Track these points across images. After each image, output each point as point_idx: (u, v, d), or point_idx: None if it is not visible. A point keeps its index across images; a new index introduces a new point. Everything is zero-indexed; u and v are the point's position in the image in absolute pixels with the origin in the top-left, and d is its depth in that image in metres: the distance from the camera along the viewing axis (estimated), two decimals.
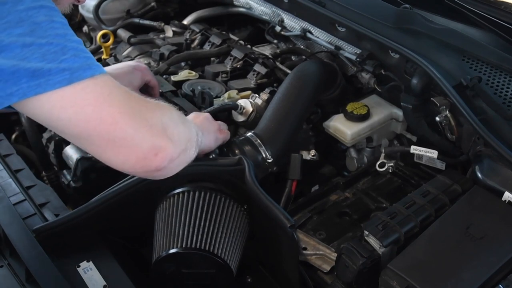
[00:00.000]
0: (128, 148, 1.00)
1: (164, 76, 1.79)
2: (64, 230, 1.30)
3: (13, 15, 0.91)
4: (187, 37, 2.09)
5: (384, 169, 1.61)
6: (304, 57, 1.88)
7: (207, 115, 1.44)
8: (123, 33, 2.18)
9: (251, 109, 1.60)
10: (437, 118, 1.46)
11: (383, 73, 1.66)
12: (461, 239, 1.18)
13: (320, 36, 1.82)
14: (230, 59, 1.87)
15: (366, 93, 1.78)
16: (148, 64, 1.92)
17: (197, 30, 2.11)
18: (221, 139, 1.42)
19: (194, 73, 1.82)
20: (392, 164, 1.61)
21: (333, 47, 1.78)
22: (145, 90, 1.58)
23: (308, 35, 1.85)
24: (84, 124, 0.96)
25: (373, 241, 1.22)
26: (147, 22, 2.23)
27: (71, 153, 1.65)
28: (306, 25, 1.85)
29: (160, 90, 1.71)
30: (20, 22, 0.91)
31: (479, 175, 1.34)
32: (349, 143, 1.65)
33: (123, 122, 0.98)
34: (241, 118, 1.61)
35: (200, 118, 1.39)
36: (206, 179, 1.33)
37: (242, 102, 1.61)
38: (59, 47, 0.94)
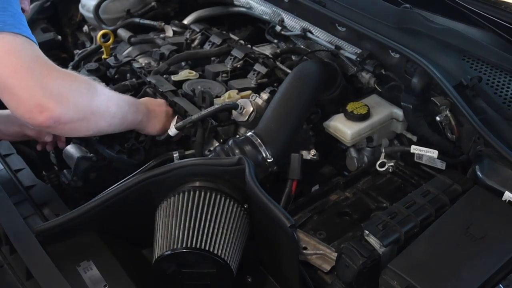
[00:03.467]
0: (19, 98, 1.20)
1: (164, 76, 1.79)
2: (64, 230, 1.30)
3: None
4: (187, 36, 2.09)
5: (384, 169, 1.61)
6: (305, 57, 1.87)
7: (164, 105, 1.66)
8: (123, 33, 2.17)
9: (251, 109, 1.60)
10: (437, 118, 1.46)
11: (383, 73, 1.66)
12: (461, 239, 1.18)
13: (320, 36, 1.82)
14: (230, 58, 1.87)
15: (366, 93, 1.78)
16: (148, 64, 1.92)
17: (197, 30, 2.11)
18: (166, 130, 1.61)
19: (194, 72, 1.81)
20: (392, 164, 1.61)
21: (333, 47, 1.78)
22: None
23: (308, 34, 1.85)
24: None
25: (373, 241, 1.22)
26: (147, 21, 2.23)
27: (71, 153, 1.65)
28: (306, 24, 1.85)
29: (160, 90, 1.71)
30: None
31: (479, 175, 1.34)
32: (349, 143, 1.65)
33: (20, 74, 1.19)
34: (241, 118, 1.61)
35: (152, 103, 1.63)
36: (206, 179, 1.33)
37: (242, 102, 1.61)
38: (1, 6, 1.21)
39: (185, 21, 2.22)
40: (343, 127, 1.64)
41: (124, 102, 1.50)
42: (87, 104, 1.33)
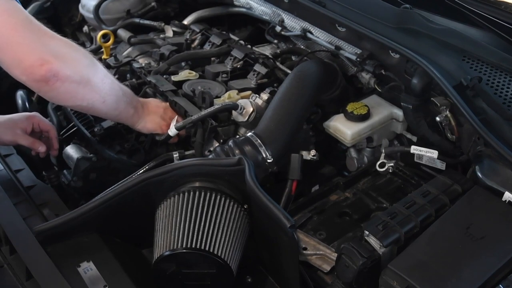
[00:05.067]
0: (21, 53, 1.25)
1: (164, 76, 1.79)
2: (64, 230, 1.30)
3: None
4: (187, 37, 2.09)
5: (384, 169, 1.61)
6: (305, 57, 1.87)
7: (163, 106, 1.65)
8: (123, 33, 2.18)
9: (251, 109, 1.60)
10: (437, 118, 1.46)
11: (384, 73, 1.66)
12: (461, 239, 1.18)
13: (320, 36, 1.82)
14: (230, 59, 1.87)
15: (366, 93, 1.78)
16: (148, 64, 1.92)
17: (197, 30, 2.11)
18: (164, 131, 1.61)
19: (194, 73, 1.82)
20: (392, 164, 1.61)
21: (333, 47, 1.78)
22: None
23: (308, 35, 1.85)
24: None
25: (373, 241, 1.22)
26: (147, 22, 2.23)
27: (71, 153, 1.65)
28: (306, 25, 1.85)
29: (160, 90, 1.71)
30: None
31: (479, 175, 1.34)
32: (349, 143, 1.65)
33: (21, 32, 1.25)
34: (241, 118, 1.61)
35: (150, 102, 1.65)
36: (206, 179, 1.33)
37: (242, 102, 1.61)
38: None
39: (185, 21, 2.22)
40: (343, 127, 1.64)
41: (119, 87, 1.51)
42: (84, 68, 1.36)
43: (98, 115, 1.56)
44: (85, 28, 2.45)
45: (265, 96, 1.65)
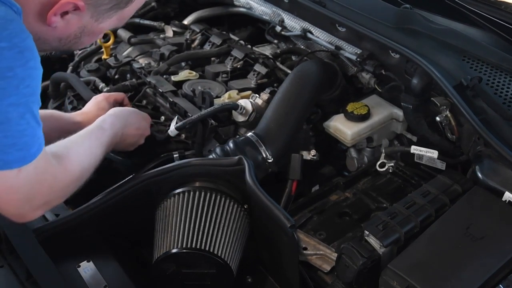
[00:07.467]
0: (3, 209, 1.12)
1: (164, 76, 1.79)
2: (64, 230, 1.30)
3: None
4: (188, 37, 2.09)
5: (384, 169, 1.61)
6: (305, 57, 1.87)
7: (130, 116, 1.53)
8: (124, 33, 2.17)
9: (251, 109, 1.60)
10: (437, 118, 1.46)
11: (384, 73, 1.66)
12: (461, 239, 1.18)
13: (320, 36, 1.82)
14: (231, 59, 1.87)
15: (366, 93, 1.78)
16: (149, 64, 1.91)
17: (198, 30, 2.11)
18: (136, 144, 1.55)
19: (194, 73, 1.82)
20: (392, 164, 1.61)
21: (333, 47, 1.78)
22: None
23: (309, 35, 1.85)
24: None
25: (373, 241, 1.22)
26: (147, 22, 2.23)
27: None
28: (306, 25, 1.85)
29: (160, 90, 1.71)
30: None
31: (479, 175, 1.34)
32: (349, 143, 1.65)
33: (14, 204, 1.11)
34: (241, 118, 1.61)
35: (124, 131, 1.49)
36: (206, 179, 1.33)
37: (242, 102, 1.61)
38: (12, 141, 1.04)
39: (185, 22, 2.22)
40: (343, 128, 1.64)
41: (90, 147, 1.35)
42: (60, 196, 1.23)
43: None
44: None
45: (265, 96, 1.65)
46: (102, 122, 1.43)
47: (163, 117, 1.69)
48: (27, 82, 1.03)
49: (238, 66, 1.85)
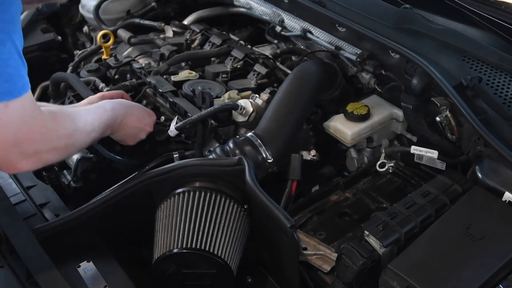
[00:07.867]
0: None
1: (164, 76, 1.79)
2: (64, 230, 1.30)
3: None
4: (187, 37, 2.09)
5: (384, 169, 1.61)
6: (305, 58, 1.87)
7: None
8: (124, 33, 2.17)
9: (251, 109, 1.60)
10: (437, 118, 1.46)
11: (384, 73, 1.66)
12: (461, 239, 1.18)
13: (320, 36, 1.82)
14: (230, 59, 1.87)
15: (366, 93, 1.78)
16: (148, 65, 1.91)
17: (198, 30, 2.11)
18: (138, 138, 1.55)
19: (194, 73, 1.81)
20: (392, 164, 1.61)
21: (333, 47, 1.78)
22: None
23: (309, 35, 1.85)
24: None
25: (373, 241, 1.22)
26: (147, 22, 2.23)
27: None
28: (306, 25, 1.85)
29: (160, 90, 1.71)
30: None
31: (479, 175, 1.34)
32: (349, 143, 1.65)
33: (2, 145, 1.10)
34: (241, 118, 1.61)
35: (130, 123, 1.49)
36: (206, 179, 1.33)
37: (242, 102, 1.61)
38: None
39: (185, 22, 2.22)
40: (343, 128, 1.64)
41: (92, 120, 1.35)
42: (55, 155, 1.23)
43: None
44: (85, 28, 2.45)
45: (265, 96, 1.65)
46: (104, 104, 1.43)
47: (163, 117, 1.69)
48: (4, 7, 1.01)
49: (238, 66, 1.85)
